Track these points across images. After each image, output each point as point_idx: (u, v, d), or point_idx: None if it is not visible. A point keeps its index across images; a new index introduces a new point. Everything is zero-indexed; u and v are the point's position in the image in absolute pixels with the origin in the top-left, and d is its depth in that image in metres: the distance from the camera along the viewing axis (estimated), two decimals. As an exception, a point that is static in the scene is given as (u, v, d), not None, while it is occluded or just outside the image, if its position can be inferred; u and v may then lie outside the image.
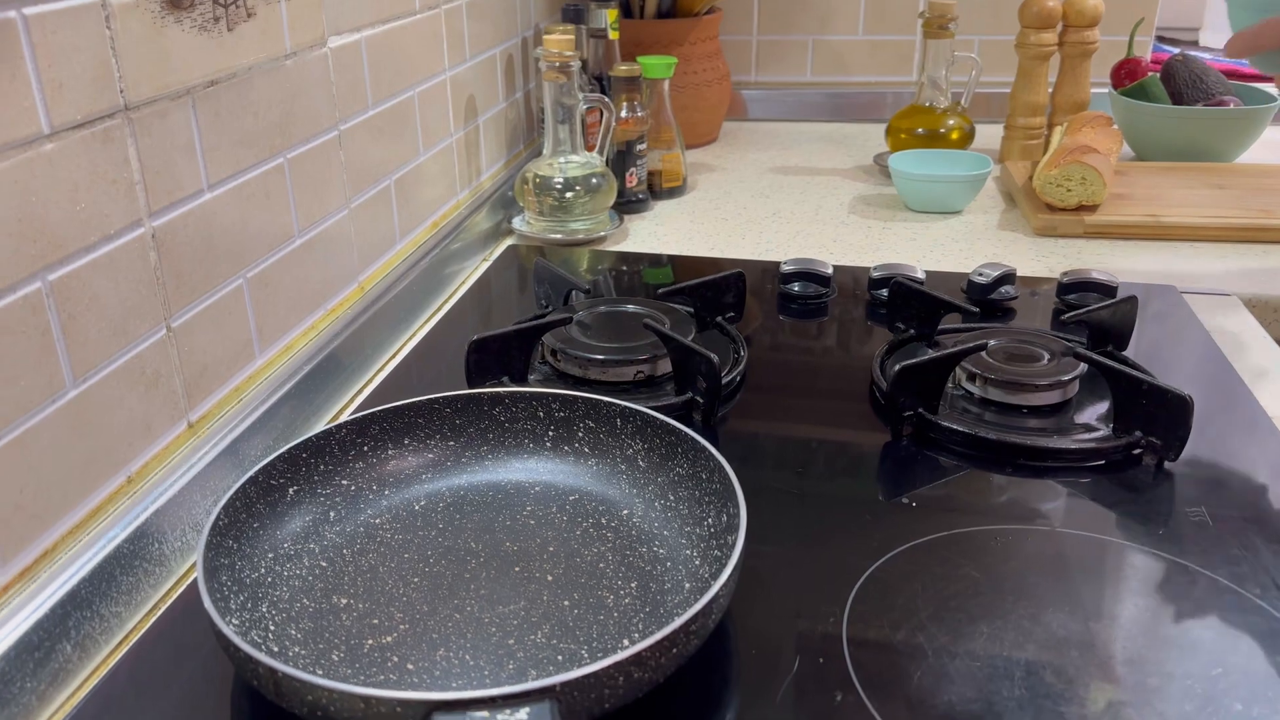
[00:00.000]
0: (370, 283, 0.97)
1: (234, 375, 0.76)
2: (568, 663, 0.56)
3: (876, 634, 0.59)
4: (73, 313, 0.60)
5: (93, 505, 0.63)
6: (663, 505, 0.68)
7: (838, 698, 0.55)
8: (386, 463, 0.71)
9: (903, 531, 0.67)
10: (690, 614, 0.51)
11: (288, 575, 0.63)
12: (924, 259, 1.11)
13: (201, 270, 0.72)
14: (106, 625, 0.61)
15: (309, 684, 0.48)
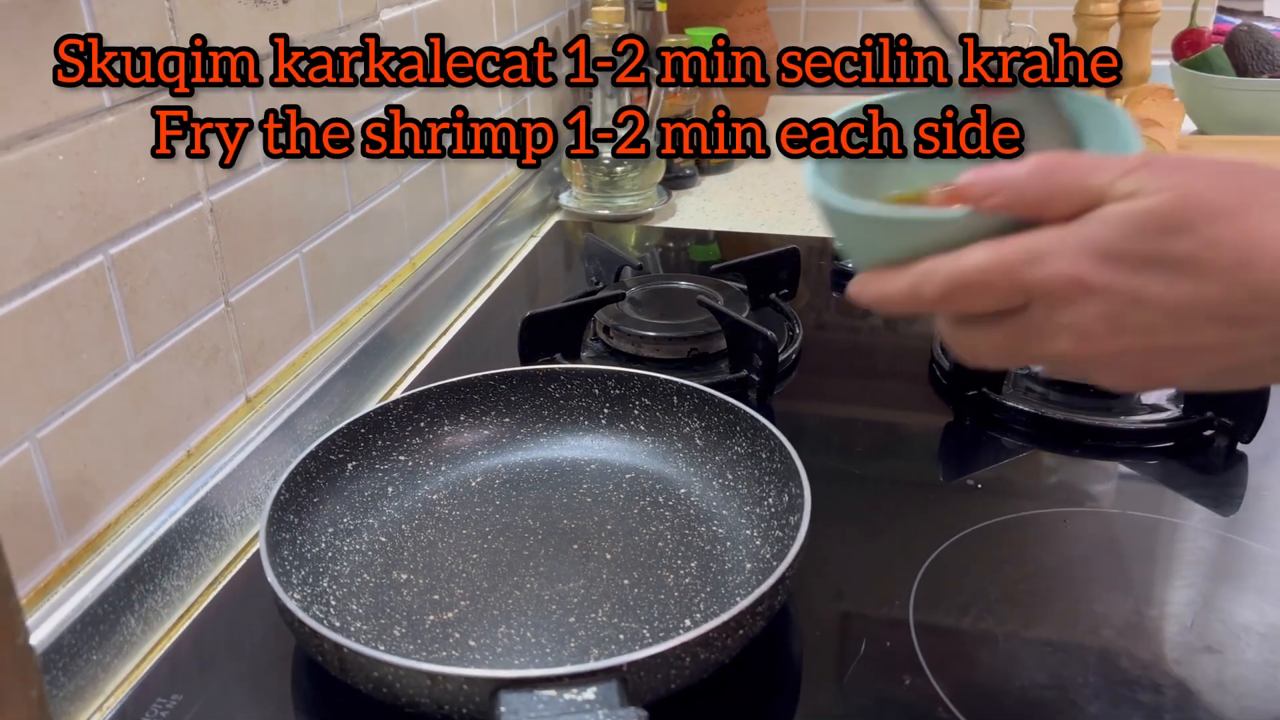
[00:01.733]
0: (421, 259, 0.96)
1: (290, 350, 0.76)
2: (629, 642, 0.56)
3: (944, 618, 0.58)
4: (134, 286, 0.60)
5: (154, 479, 0.63)
6: (721, 484, 0.67)
7: (906, 681, 0.53)
8: (443, 439, 0.71)
9: (967, 514, 0.66)
10: (756, 595, 0.50)
11: (348, 550, 0.63)
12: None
13: (258, 245, 0.71)
14: (169, 598, 0.61)
15: (375, 660, 0.48)
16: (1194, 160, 0.38)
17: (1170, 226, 0.36)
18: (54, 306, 0.54)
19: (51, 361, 0.54)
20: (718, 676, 0.51)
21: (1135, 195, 0.37)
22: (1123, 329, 0.37)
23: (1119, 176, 0.37)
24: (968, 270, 0.38)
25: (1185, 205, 0.36)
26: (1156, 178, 0.37)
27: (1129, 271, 0.37)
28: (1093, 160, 0.38)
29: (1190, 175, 0.37)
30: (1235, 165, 0.38)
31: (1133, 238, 0.36)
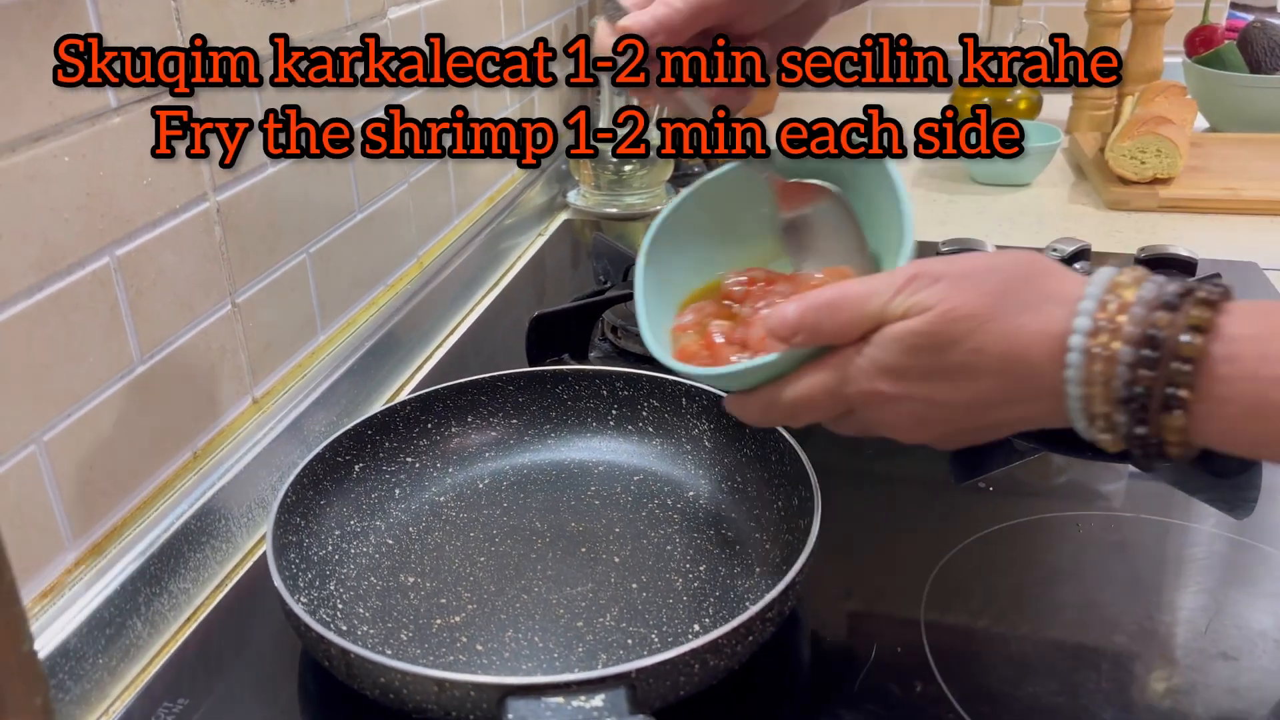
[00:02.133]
0: (429, 258, 0.96)
1: (297, 351, 0.76)
2: (638, 647, 0.55)
3: (956, 622, 0.57)
4: (140, 288, 0.60)
5: (160, 481, 0.62)
6: (730, 487, 0.67)
7: (917, 687, 0.53)
8: (450, 440, 0.71)
9: (979, 517, 0.65)
10: (767, 600, 0.50)
11: (355, 553, 0.63)
12: (993, 233, 1.08)
13: (265, 245, 0.71)
14: (175, 602, 0.61)
15: (382, 666, 0.47)
16: (954, 269, 0.44)
17: (940, 344, 0.44)
18: (60, 309, 0.54)
19: (58, 364, 0.54)
20: (727, 682, 0.51)
21: (907, 315, 0.44)
22: (928, 421, 0.46)
23: (890, 299, 0.45)
24: (798, 397, 0.48)
25: (949, 322, 0.43)
26: (922, 296, 0.44)
27: (918, 381, 0.45)
28: (865, 288, 0.46)
29: (950, 288, 0.43)
30: (988, 266, 0.44)
31: (912, 356, 0.44)
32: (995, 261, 0.44)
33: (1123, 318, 0.41)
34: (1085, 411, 0.43)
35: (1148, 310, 0.41)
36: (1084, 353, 0.42)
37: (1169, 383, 0.40)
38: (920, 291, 0.44)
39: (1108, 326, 0.41)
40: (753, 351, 0.51)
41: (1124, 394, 0.41)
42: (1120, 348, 0.41)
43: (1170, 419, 0.40)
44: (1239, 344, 0.39)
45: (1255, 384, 0.39)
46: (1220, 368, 0.39)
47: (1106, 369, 0.41)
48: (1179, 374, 0.40)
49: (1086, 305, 0.42)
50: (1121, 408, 0.41)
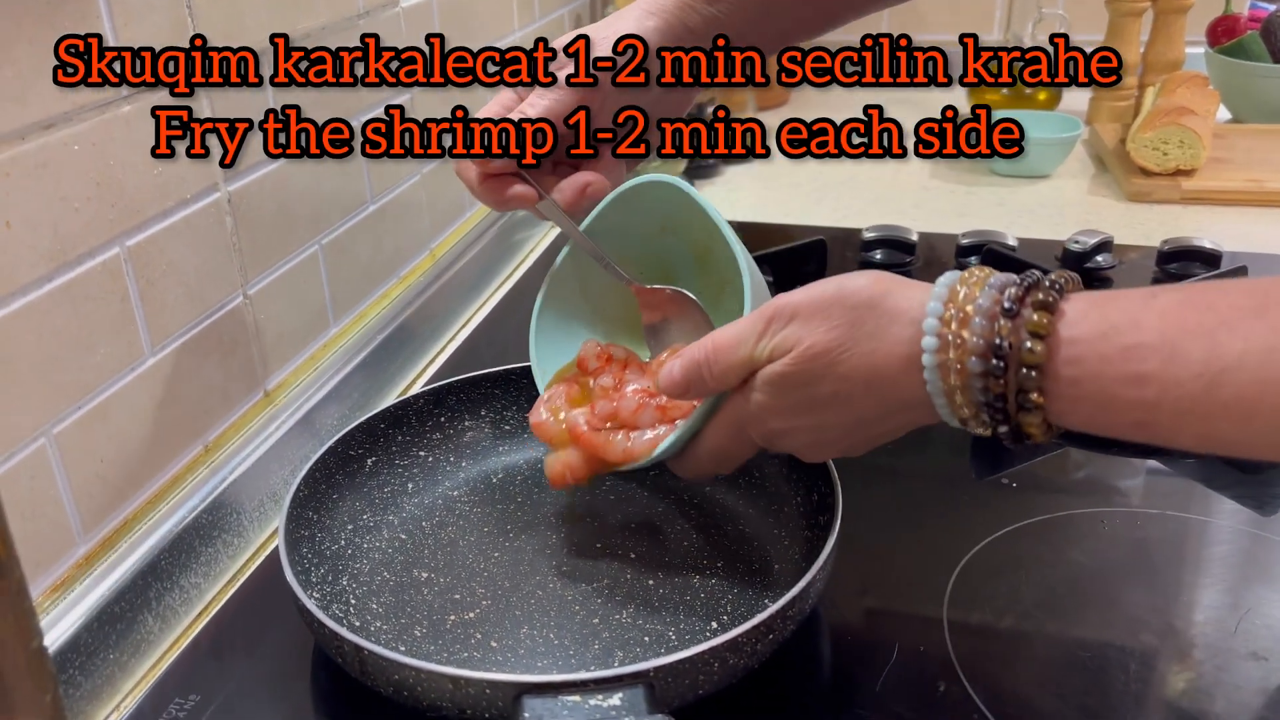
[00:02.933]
0: (441, 250, 0.95)
1: (309, 343, 0.75)
2: (654, 644, 0.54)
3: (980, 621, 0.56)
4: (151, 279, 0.59)
5: (171, 474, 0.62)
6: (747, 482, 0.66)
7: (941, 688, 0.52)
8: (464, 434, 0.70)
9: (1003, 513, 0.64)
10: (787, 598, 0.49)
11: (368, 548, 0.62)
12: (1013, 225, 1.07)
13: (277, 237, 0.70)
14: (186, 596, 0.60)
15: (396, 663, 0.47)
16: (805, 306, 0.47)
17: (807, 380, 0.47)
18: (70, 299, 0.53)
19: (68, 355, 0.53)
20: (746, 682, 0.50)
21: (773, 357, 0.48)
22: (825, 442, 0.50)
23: (755, 344, 0.48)
24: (712, 450, 0.54)
25: (809, 360, 0.46)
26: (780, 338, 0.47)
27: (803, 414, 0.49)
28: (732, 336, 0.49)
29: (803, 327, 0.47)
30: (835, 297, 0.46)
31: (788, 395, 0.48)
32: (842, 291, 0.46)
33: (965, 332, 0.43)
34: (954, 415, 0.45)
35: (988, 321, 0.42)
36: (936, 369, 0.44)
37: (1020, 388, 0.42)
38: (778, 334, 0.48)
39: (953, 341, 0.43)
40: (628, 427, 0.57)
41: (981, 399, 0.43)
42: (969, 359, 0.43)
43: (1028, 416, 0.42)
44: (1079, 346, 0.41)
45: (1101, 382, 0.40)
46: (1065, 370, 0.41)
47: (961, 380, 0.43)
48: (1027, 379, 0.41)
49: (930, 323, 0.44)
50: (983, 409, 0.43)
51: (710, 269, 0.64)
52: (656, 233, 0.64)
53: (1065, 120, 1.24)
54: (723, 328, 0.50)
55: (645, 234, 0.64)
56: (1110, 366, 0.40)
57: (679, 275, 0.65)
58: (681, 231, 0.63)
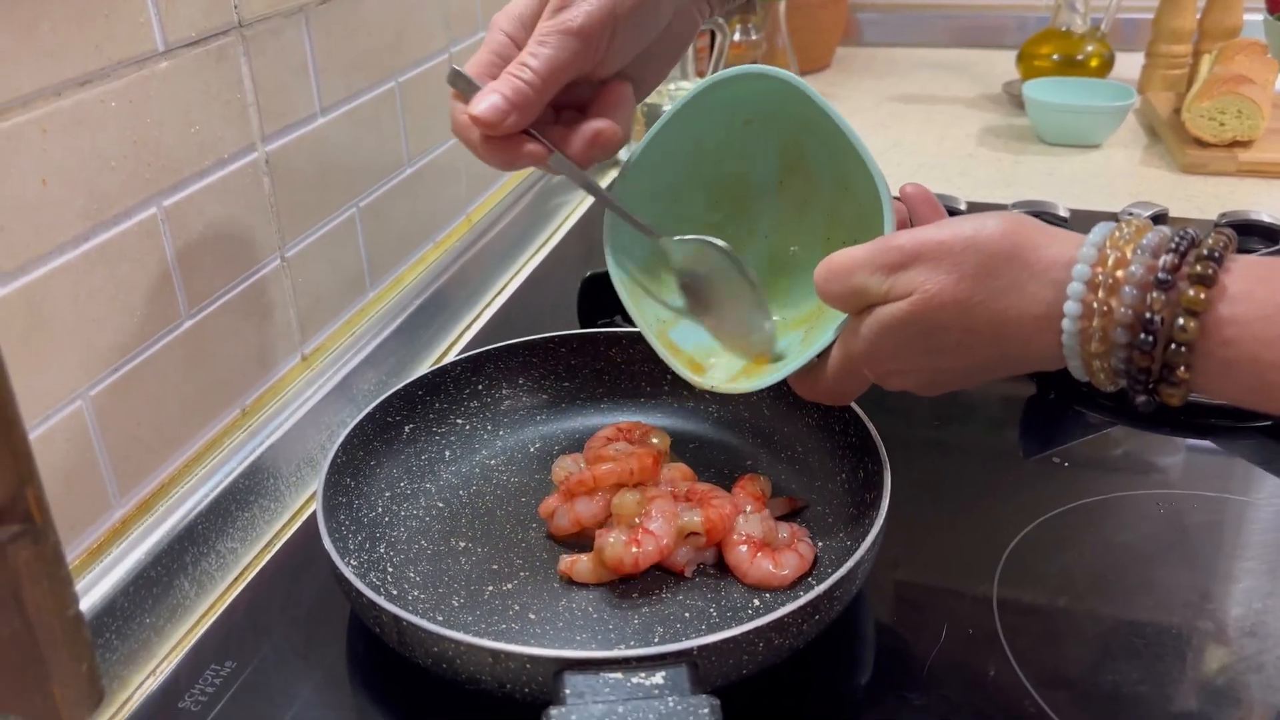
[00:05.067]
0: (478, 215, 0.93)
1: (346, 307, 0.74)
2: (695, 620, 0.53)
3: (1031, 604, 0.55)
4: (188, 240, 0.58)
5: (208, 438, 0.61)
6: (789, 458, 0.64)
7: (990, 672, 0.50)
8: (501, 402, 0.69)
9: (1054, 494, 0.62)
10: (834, 579, 0.48)
11: (405, 515, 0.61)
12: (1062, 196, 1.04)
13: (315, 198, 0.69)
14: (223, 561, 0.60)
15: (436, 635, 0.46)
16: (930, 245, 0.43)
17: (927, 330, 0.44)
18: (107, 260, 0.52)
19: (104, 317, 0.53)
20: (789, 662, 0.49)
21: (888, 297, 0.45)
22: (942, 382, 0.48)
23: (871, 274, 0.45)
24: (828, 384, 0.51)
25: (933, 310, 0.43)
26: (902, 278, 0.44)
27: (919, 357, 0.46)
28: (849, 261, 0.46)
29: (929, 271, 0.43)
30: (967, 241, 0.43)
31: (904, 341, 0.45)
32: (976, 235, 0.43)
33: (1113, 301, 0.40)
34: (1087, 375, 0.42)
35: (1140, 291, 0.39)
36: (1077, 335, 0.41)
37: (1166, 364, 0.39)
38: (900, 273, 0.44)
39: (1099, 309, 0.40)
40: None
41: (1122, 369, 0.41)
42: (1115, 330, 0.40)
43: (1170, 390, 0.40)
44: (1237, 327, 0.38)
45: (1256, 366, 0.38)
46: (1218, 350, 0.38)
47: (1103, 348, 0.41)
48: (1176, 355, 0.39)
49: (1075, 288, 0.40)
50: (1121, 377, 0.41)
51: (795, 187, 0.59)
52: (733, 144, 0.59)
53: (1117, 88, 1.21)
54: (842, 250, 0.47)
55: (720, 145, 0.59)
56: (1269, 351, 0.37)
57: (753, 194, 0.60)
58: (769, 139, 0.58)
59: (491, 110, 0.49)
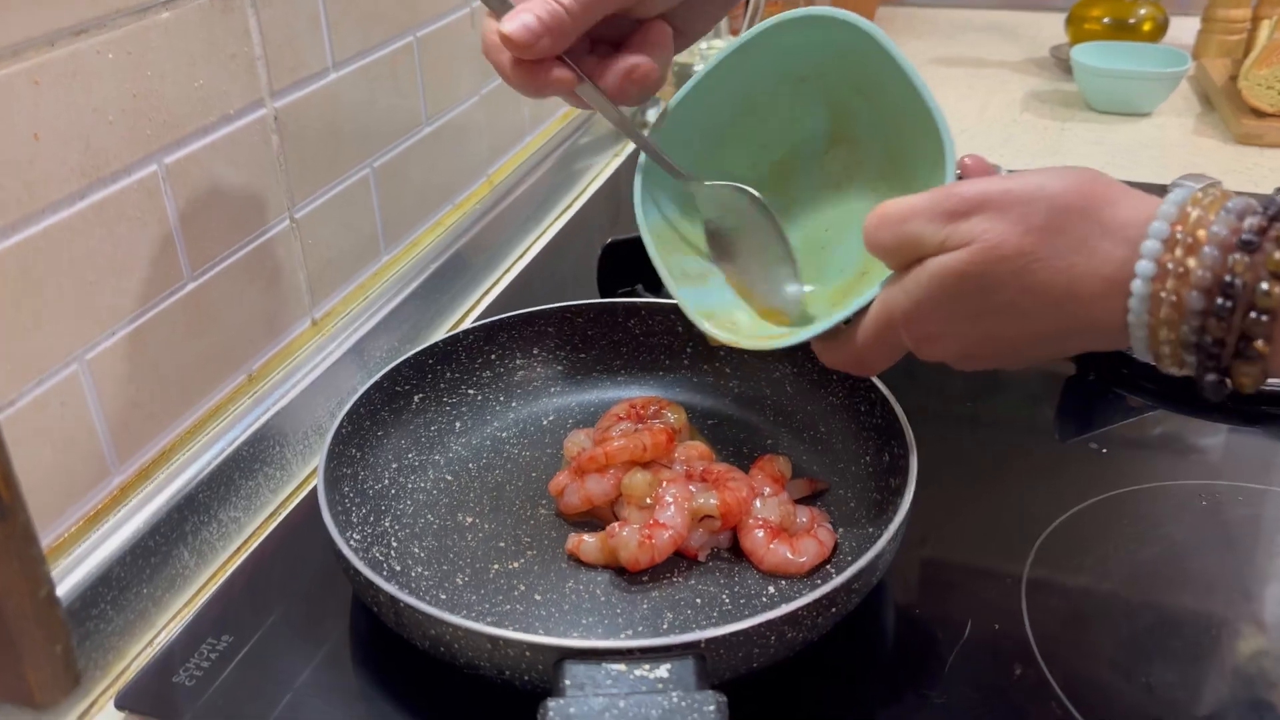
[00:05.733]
0: (499, 176, 0.91)
1: (359, 271, 0.72)
2: (707, 607, 0.51)
3: (1062, 599, 0.52)
4: (191, 199, 0.56)
5: (212, 404, 0.60)
6: (812, 437, 0.62)
7: (1016, 671, 0.48)
8: (515, 373, 0.66)
9: (1090, 482, 0.59)
10: (853, 570, 0.45)
11: (412, 488, 0.59)
12: (1110, 166, 0.99)
13: (326, 157, 0.67)
14: (225, 530, 0.58)
15: (432, 618, 0.44)
16: (996, 194, 0.39)
17: (984, 285, 0.40)
18: (103, 219, 0.50)
19: (101, 278, 0.51)
20: (802, 655, 0.46)
21: (944, 246, 0.41)
22: (984, 354, 0.43)
23: (927, 223, 0.41)
24: (856, 347, 0.47)
25: (993, 261, 0.39)
26: (962, 227, 0.40)
27: (965, 320, 0.42)
28: (903, 208, 0.42)
29: (992, 220, 0.39)
30: (1035, 192, 0.39)
31: (957, 295, 0.41)
32: (1045, 186, 0.39)
33: (1192, 260, 0.36)
34: (1150, 350, 0.39)
35: (1221, 252, 0.36)
36: (1146, 299, 0.38)
37: (1243, 334, 0.36)
38: (960, 221, 0.40)
39: (1175, 270, 0.37)
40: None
41: (1193, 340, 0.37)
42: (1189, 293, 0.37)
43: (1246, 366, 0.37)
44: None
45: None
46: None
47: (1173, 314, 0.37)
48: (1255, 325, 0.36)
49: (1150, 245, 0.37)
50: (1191, 350, 0.38)
51: (840, 158, 0.56)
52: (783, 102, 0.55)
53: (1170, 54, 1.15)
54: (897, 198, 0.43)
55: (769, 101, 0.56)
56: None
57: (796, 160, 0.57)
58: (821, 101, 0.55)
59: (524, 30, 0.46)
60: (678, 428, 0.59)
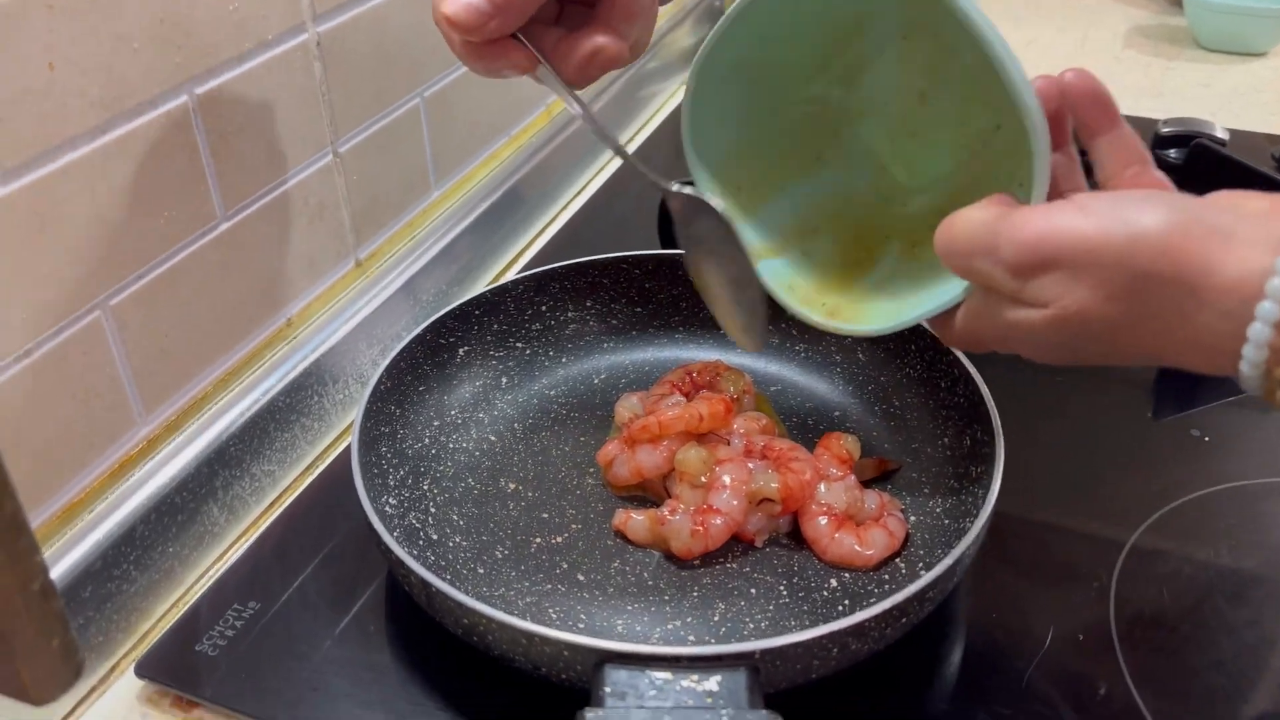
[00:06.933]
0: (558, 107, 0.85)
1: (407, 209, 0.68)
2: (761, 599, 0.47)
3: (1157, 608, 0.47)
4: (224, 132, 0.52)
5: (246, 351, 0.56)
6: (885, 412, 0.57)
7: (1101, 690, 0.44)
8: (566, 326, 0.62)
9: (1192, 474, 0.54)
10: (930, 578, 0.41)
11: (453, 448, 0.56)
12: (1220, 112, 0.91)
13: (372, 87, 0.62)
14: (258, 485, 0.56)
15: (465, 607, 0.41)
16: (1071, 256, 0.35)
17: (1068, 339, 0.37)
18: (128, 154, 0.47)
19: (126, 218, 0.47)
20: (865, 664, 0.42)
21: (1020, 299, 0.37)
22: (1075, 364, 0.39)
23: (995, 266, 0.37)
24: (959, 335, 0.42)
25: (1080, 326, 0.36)
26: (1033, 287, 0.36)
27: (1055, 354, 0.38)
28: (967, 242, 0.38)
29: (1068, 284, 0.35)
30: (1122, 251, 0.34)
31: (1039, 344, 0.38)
32: (1131, 246, 0.33)
33: None
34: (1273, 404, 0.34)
35: None
36: (1261, 376, 0.33)
37: None
38: (1030, 278, 0.36)
39: None
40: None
41: None
42: None
43: None
44: None
45: None
46: None
47: None
48: None
49: (1258, 330, 0.32)
50: None
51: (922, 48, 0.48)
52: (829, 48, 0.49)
53: (1295, -13, 1.05)
54: (962, 215, 0.38)
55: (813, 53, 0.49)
56: None
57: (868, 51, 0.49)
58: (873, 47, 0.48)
59: (468, 11, 0.41)
60: (739, 394, 0.55)
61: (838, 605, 0.46)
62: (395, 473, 0.53)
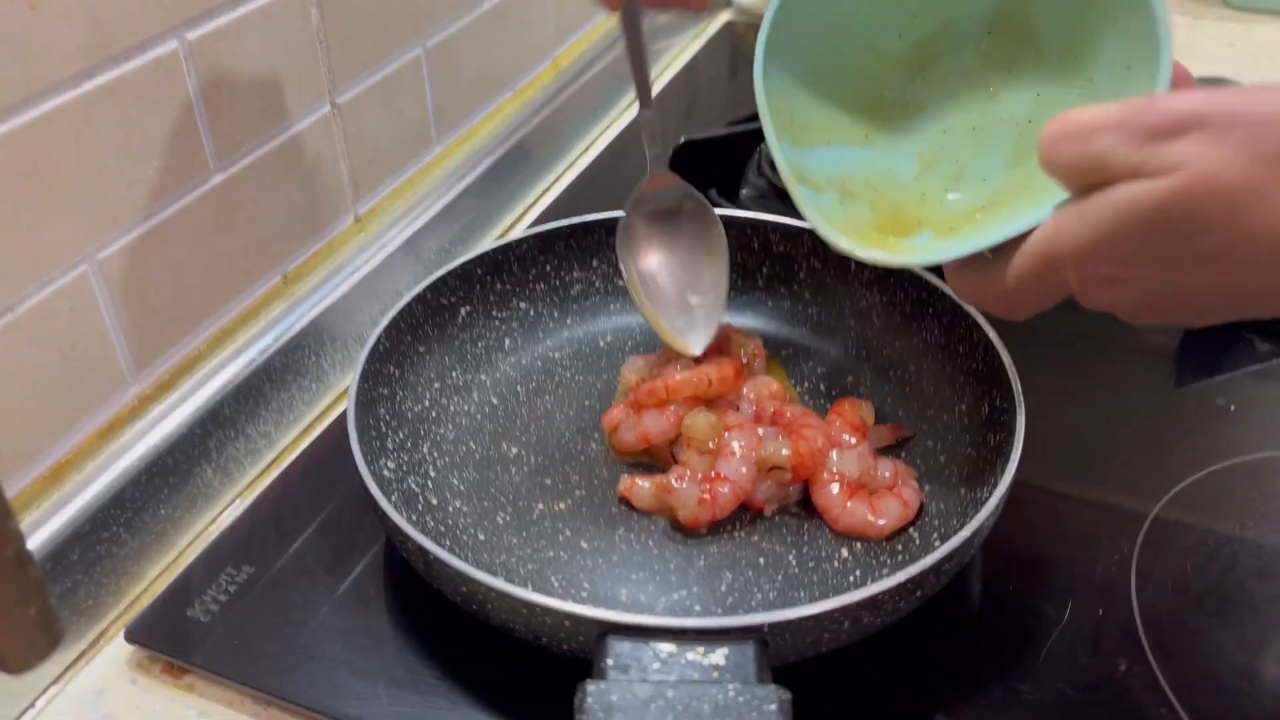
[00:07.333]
0: (565, 60, 0.83)
1: (408, 164, 0.66)
2: (770, 568, 0.46)
3: (1179, 584, 0.45)
4: (217, 80, 0.50)
5: (241, 309, 0.55)
6: (899, 378, 0.55)
7: (1121, 666, 0.42)
8: (571, 286, 0.60)
9: (1217, 444, 0.52)
10: (946, 550, 0.39)
11: (454, 411, 0.54)
12: (1247, 73, 0.88)
13: (373, 35, 0.60)
14: (253, 446, 0.54)
15: (464, 575, 0.39)
16: (1222, 109, 0.31)
17: (1189, 226, 0.32)
18: (115, 102, 0.45)
19: (113, 169, 0.45)
20: (877, 636, 0.41)
21: (1140, 172, 0.32)
22: (1167, 308, 0.35)
23: (1123, 140, 0.32)
24: (1007, 284, 0.37)
25: (1206, 197, 0.31)
26: (1169, 149, 0.31)
27: (1160, 265, 0.33)
28: (1093, 119, 0.33)
29: (1212, 142, 0.31)
30: (1273, 120, 0.30)
31: (1146, 237, 0.33)
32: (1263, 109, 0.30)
33: None
34: None
35: None
36: None
37: None
38: (1165, 142, 0.31)
39: None
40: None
41: None
42: None
43: None
44: None
45: None
46: None
47: None
48: None
49: None
50: None
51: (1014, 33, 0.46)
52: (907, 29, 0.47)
53: (1331, -58, 1.01)
54: (1083, 107, 0.34)
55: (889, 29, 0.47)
56: None
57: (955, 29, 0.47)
58: None
59: None
60: (750, 358, 0.53)
61: (849, 576, 0.45)
62: (394, 436, 0.51)
